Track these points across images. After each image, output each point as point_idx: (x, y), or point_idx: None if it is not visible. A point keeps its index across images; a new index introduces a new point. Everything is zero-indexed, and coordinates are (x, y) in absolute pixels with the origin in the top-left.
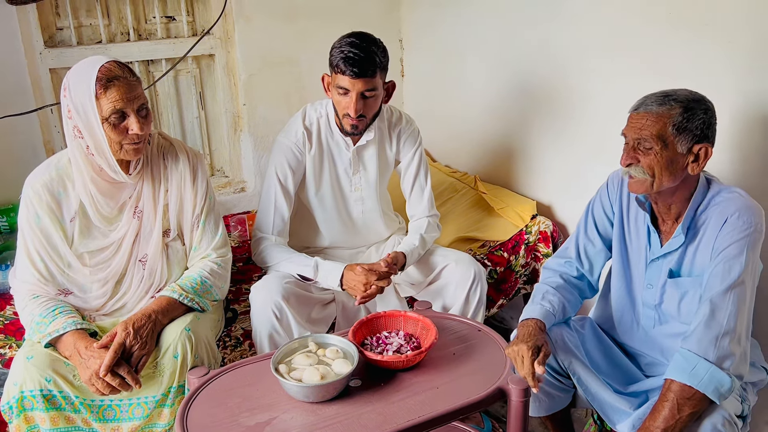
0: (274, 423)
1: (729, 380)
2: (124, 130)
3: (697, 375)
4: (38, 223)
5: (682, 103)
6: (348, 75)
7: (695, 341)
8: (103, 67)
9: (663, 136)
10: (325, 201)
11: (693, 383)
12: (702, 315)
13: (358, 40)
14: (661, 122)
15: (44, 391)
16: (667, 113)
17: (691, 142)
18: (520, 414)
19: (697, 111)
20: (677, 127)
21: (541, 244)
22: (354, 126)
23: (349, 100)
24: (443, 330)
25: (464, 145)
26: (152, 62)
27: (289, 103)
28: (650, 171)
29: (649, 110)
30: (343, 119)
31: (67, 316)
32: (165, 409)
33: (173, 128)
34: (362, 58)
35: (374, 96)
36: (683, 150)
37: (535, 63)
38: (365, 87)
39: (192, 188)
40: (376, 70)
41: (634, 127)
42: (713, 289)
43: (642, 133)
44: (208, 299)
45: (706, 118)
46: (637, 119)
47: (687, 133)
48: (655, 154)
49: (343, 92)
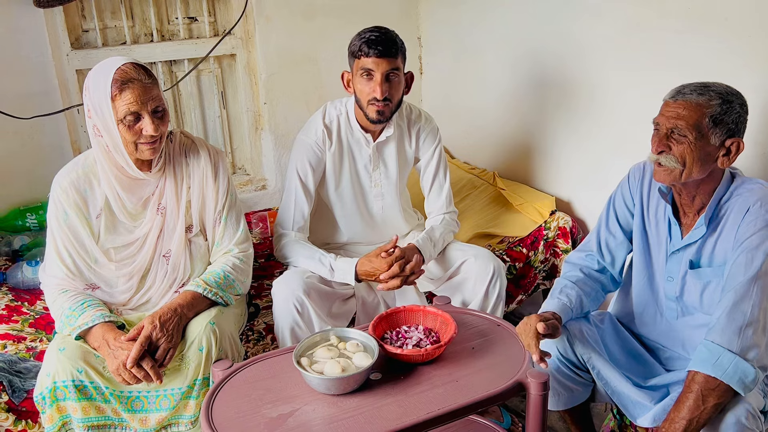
0: (296, 414)
1: (753, 371)
2: (138, 131)
3: (722, 366)
4: (66, 221)
5: (721, 95)
6: (372, 56)
7: (719, 332)
8: (119, 69)
9: (699, 126)
10: (344, 197)
11: (717, 374)
12: (725, 305)
13: (377, 28)
14: (699, 112)
15: (76, 381)
16: (706, 104)
17: (724, 135)
18: (539, 408)
19: (734, 105)
20: (714, 118)
21: (560, 240)
22: (380, 112)
23: (374, 83)
24: (462, 325)
25: (483, 142)
26: (175, 62)
27: (309, 101)
28: (681, 160)
29: (688, 99)
30: (368, 108)
31: (96, 308)
32: (191, 401)
33: (196, 127)
34: (384, 38)
35: (398, 78)
36: (716, 142)
37: (552, 58)
38: (389, 67)
39: (214, 185)
40: (398, 52)
41: (669, 115)
42: (736, 279)
43: (678, 122)
44: (232, 293)
45: (741, 113)
46: (673, 107)
47: (722, 126)
48: (689, 143)
49: (367, 77)
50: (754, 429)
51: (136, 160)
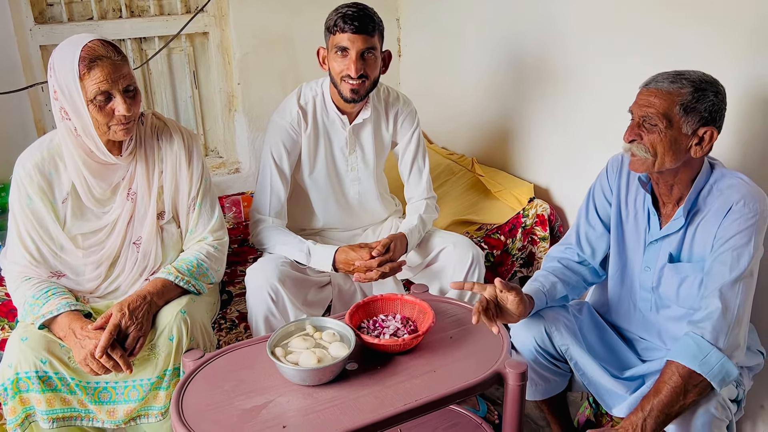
0: (270, 406)
1: (736, 371)
2: (110, 111)
3: (708, 364)
4: (30, 205)
5: (694, 83)
6: (348, 31)
7: (710, 329)
8: (86, 46)
9: (669, 114)
10: (320, 182)
11: (703, 371)
12: (715, 304)
13: (354, 4)
14: (669, 100)
15: (39, 372)
16: (677, 92)
17: (697, 124)
18: (516, 398)
19: (708, 93)
20: (685, 107)
21: (538, 228)
22: (354, 90)
23: (348, 61)
24: (440, 313)
25: (461, 127)
26: (145, 40)
27: (284, 82)
28: (652, 149)
29: (659, 87)
30: (341, 85)
31: (60, 297)
32: (161, 392)
33: (166, 108)
34: (362, 15)
35: (374, 57)
36: (688, 131)
37: (533, 43)
38: (365, 45)
39: (188, 170)
40: (375, 29)
41: (641, 104)
42: (723, 278)
43: (648, 111)
44: (204, 282)
45: (716, 101)
46: (645, 95)
47: (694, 115)
48: (659, 132)
49: (342, 54)
50: (723, 419)
51: (107, 142)
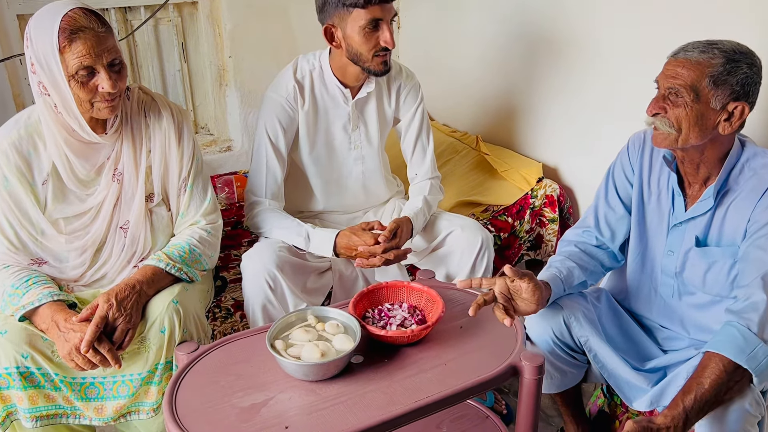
0: (271, 404)
1: None
2: (93, 87)
3: (756, 358)
4: (6, 187)
5: (726, 54)
6: (378, 3)
7: (757, 321)
8: (66, 15)
9: (697, 87)
10: (320, 161)
11: (750, 366)
12: (760, 295)
13: None
14: (698, 71)
15: (21, 368)
16: (707, 62)
17: (727, 99)
18: (532, 392)
19: (741, 64)
20: (715, 79)
21: (547, 209)
22: (386, 62)
23: (385, 33)
24: (448, 301)
25: (465, 103)
26: (130, 9)
27: (278, 55)
28: (677, 124)
29: (688, 57)
30: (372, 61)
31: (42, 286)
32: (152, 387)
33: (154, 82)
34: None
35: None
36: (716, 106)
37: (540, 14)
38: (393, 12)
39: (178, 149)
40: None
41: (667, 74)
42: (765, 265)
43: (675, 82)
44: (197, 269)
45: (750, 74)
46: (673, 66)
47: (725, 88)
48: (684, 105)
49: (371, 28)
50: (756, 415)
51: (91, 119)
